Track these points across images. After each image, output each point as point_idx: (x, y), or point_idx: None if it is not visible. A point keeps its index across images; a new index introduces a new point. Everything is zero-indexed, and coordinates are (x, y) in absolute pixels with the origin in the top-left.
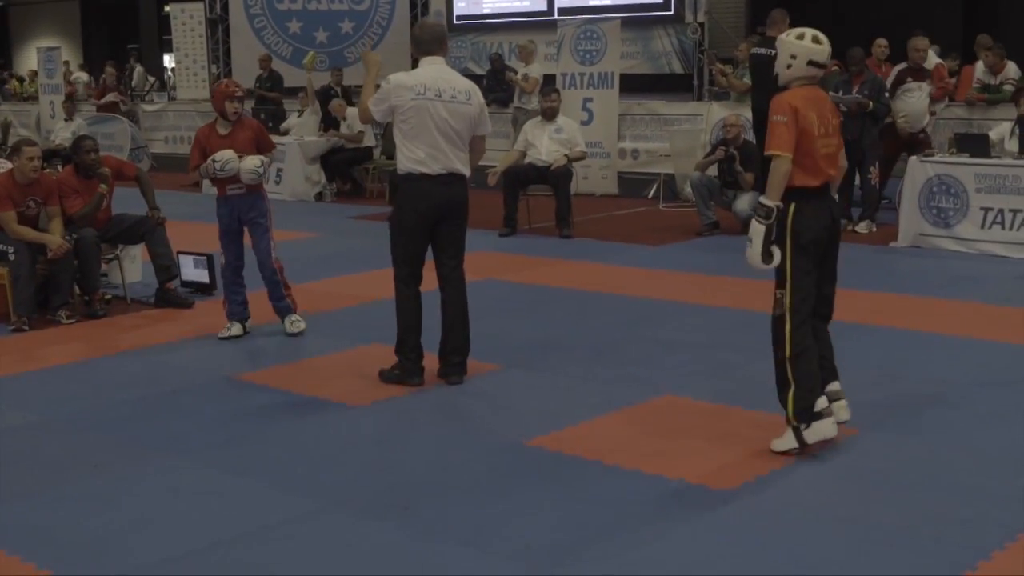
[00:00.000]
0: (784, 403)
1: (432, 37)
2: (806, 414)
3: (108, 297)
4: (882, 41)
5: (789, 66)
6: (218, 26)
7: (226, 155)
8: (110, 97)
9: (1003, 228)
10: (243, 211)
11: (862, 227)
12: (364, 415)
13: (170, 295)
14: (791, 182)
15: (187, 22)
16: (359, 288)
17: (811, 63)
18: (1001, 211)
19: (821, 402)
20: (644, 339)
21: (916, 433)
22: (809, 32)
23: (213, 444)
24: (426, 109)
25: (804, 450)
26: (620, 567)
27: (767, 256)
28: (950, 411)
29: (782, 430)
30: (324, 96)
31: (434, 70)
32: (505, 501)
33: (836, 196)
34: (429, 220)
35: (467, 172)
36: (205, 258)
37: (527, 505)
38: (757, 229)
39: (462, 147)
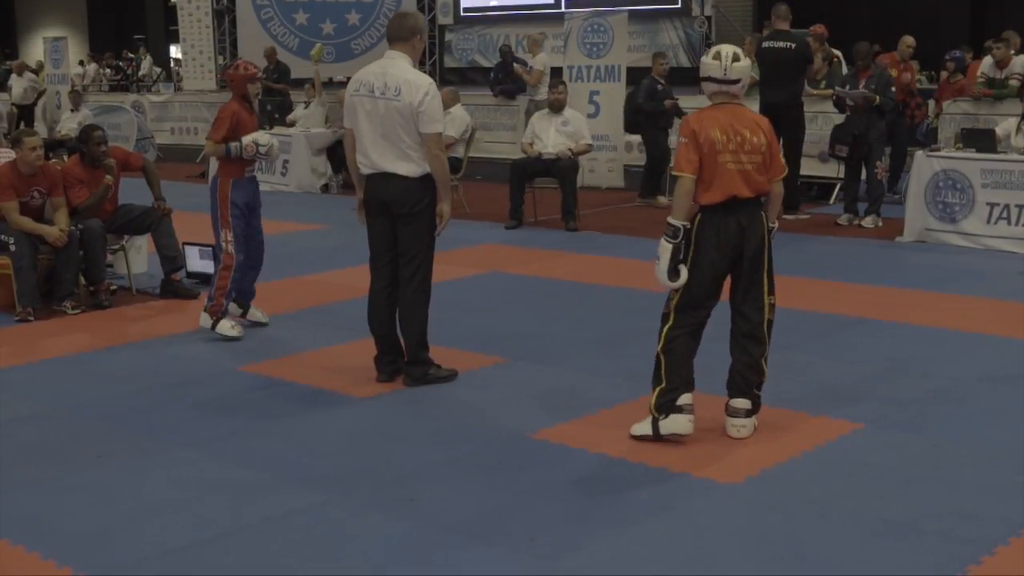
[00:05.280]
0: (651, 393)
1: (397, 29)
2: (666, 407)
3: (113, 288)
4: (910, 39)
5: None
6: (224, 17)
7: (271, 141)
8: None
9: (1009, 223)
10: (256, 196)
11: (868, 222)
12: (369, 407)
13: (176, 286)
14: (698, 199)
15: (194, 13)
16: (366, 280)
17: (706, 79)
18: (1007, 206)
19: (685, 398)
20: (649, 332)
21: (920, 428)
22: (714, 49)
23: (218, 435)
24: (359, 107)
25: (656, 440)
26: (624, 560)
27: (673, 274)
28: (954, 406)
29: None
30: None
31: (381, 64)
32: (510, 493)
33: (772, 214)
34: (375, 215)
35: (407, 172)
36: (211, 249)
37: (532, 498)
38: (664, 247)
39: (399, 144)
